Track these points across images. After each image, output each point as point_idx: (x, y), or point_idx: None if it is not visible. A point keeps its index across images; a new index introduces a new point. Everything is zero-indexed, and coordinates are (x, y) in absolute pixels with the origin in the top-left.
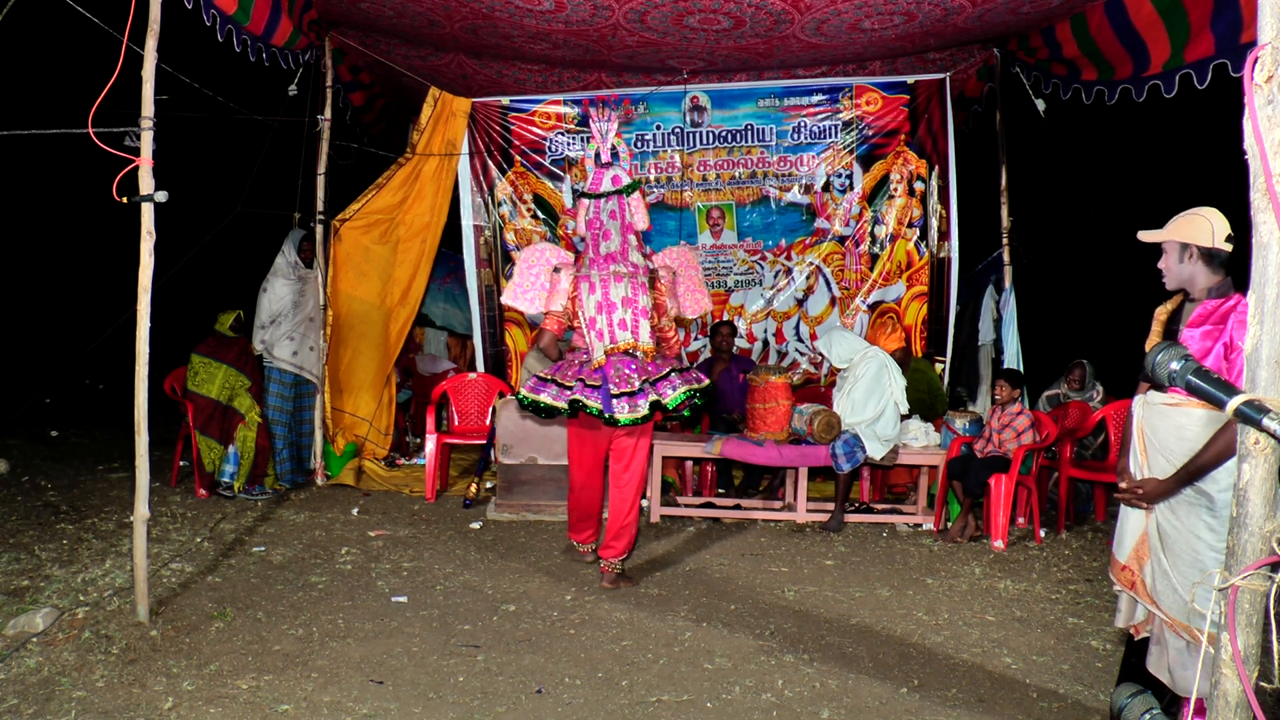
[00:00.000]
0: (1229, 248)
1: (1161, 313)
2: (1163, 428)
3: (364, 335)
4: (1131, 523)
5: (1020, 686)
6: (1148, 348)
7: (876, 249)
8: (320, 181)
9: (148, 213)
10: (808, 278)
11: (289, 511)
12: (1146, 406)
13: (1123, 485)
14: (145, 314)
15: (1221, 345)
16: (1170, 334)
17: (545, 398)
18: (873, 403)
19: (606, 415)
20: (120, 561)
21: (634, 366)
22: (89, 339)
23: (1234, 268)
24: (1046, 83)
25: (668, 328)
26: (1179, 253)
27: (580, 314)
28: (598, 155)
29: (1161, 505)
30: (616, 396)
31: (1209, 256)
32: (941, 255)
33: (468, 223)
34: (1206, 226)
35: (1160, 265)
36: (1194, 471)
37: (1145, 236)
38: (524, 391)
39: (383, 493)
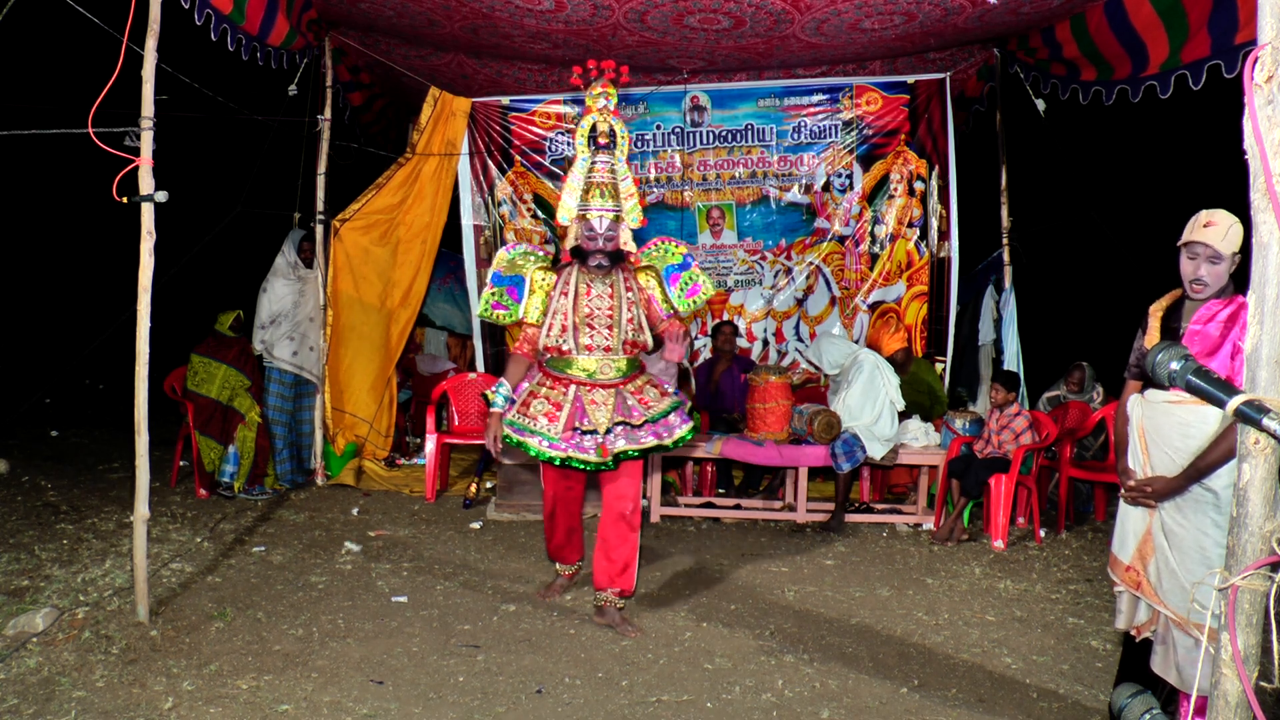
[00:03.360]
0: None
1: (1157, 309)
2: (1166, 425)
3: (365, 337)
4: (1132, 522)
5: (1020, 686)
6: (1147, 344)
7: (876, 249)
8: (320, 181)
9: (148, 213)
10: (808, 277)
11: (289, 511)
12: (1147, 405)
13: (1130, 484)
14: (145, 314)
15: (1230, 344)
16: (1169, 331)
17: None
18: (869, 405)
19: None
20: (120, 561)
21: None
22: (89, 339)
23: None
24: (1046, 83)
25: None
26: (1230, 262)
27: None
28: (593, 135)
29: (1166, 504)
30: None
31: None
32: (941, 255)
33: (468, 223)
34: (1242, 234)
35: (1201, 274)
36: (1203, 469)
37: (1221, 247)
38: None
39: (383, 493)
